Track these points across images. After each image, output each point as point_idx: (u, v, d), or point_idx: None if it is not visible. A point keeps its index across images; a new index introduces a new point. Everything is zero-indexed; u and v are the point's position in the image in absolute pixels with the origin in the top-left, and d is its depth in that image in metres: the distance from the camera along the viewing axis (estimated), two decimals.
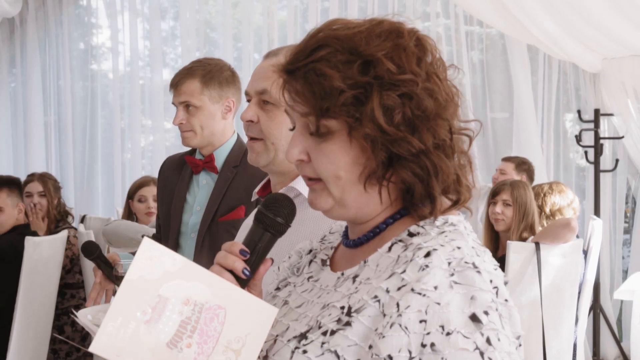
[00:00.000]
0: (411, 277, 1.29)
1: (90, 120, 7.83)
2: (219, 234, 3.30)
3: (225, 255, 1.43)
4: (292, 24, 7.41)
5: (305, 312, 1.45)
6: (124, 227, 4.84)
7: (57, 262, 5.10)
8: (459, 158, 1.41)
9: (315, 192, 1.44)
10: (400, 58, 1.35)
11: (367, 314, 1.31)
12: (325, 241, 1.65)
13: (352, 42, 1.36)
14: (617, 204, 7.22)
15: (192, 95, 3.35)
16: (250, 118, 2.11)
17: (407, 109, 1.34)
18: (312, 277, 1.55)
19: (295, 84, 1.39)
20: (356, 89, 1.34)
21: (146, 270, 1.33)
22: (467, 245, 1.34)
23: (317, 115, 1.37)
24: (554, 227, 4.85)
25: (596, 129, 6.88)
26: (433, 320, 1.24)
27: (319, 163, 1.40)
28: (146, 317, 1.30)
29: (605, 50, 6.65)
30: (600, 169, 6.92)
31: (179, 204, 3.47)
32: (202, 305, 1.33)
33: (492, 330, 1.24)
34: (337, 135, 1.38)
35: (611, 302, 6.99)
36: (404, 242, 1.39)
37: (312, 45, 1.39)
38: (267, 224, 1.47)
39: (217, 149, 3.43)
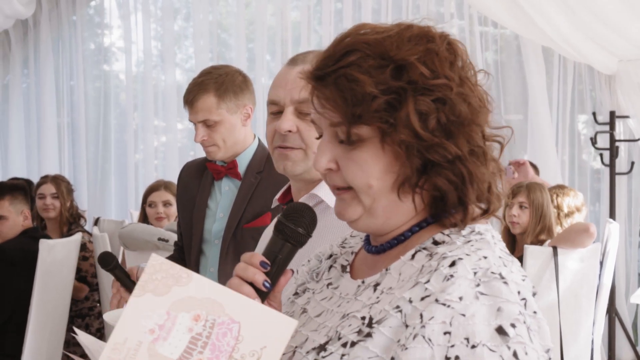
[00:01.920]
0: (435, 287, 1.25)
1: (103, 121, 7.83)
2: (245, 241, 3.27)
3: (245, 267, 1.40)
4: (306, 25, 7.37)
5: (324, 322, 1.41)
6: (140, 230, 4.83)
7: (71, 264, 5.10)
8: (492, 166, 1.38)
9: (344, 202, 1.41)
10: (433, 62, 1.33)
11: (389, 324, 1.27)
12: (345, 245, 1.62)
13: (382, 47, 1.33)
14: (633, 206, 7.16)
15: (209, 112, 3.30)
16: (289, 129, 2.05)
17: (442, 114, 1.32)
18: (331, 284, 1.52)
19: (325, 91, 1.36)
20: (389, 94, 1.31)
21: (154, 287, 1.30)
22: (493, 254, 1.30)
23: (349, 122, 1.33)
24: (572, 232, 4.83)
25: (611, 131, 6.83)
26: (458, 333, 1.20)
27: (350, 172, 1.37)
28: (154, 336, 1.28)
29: (621, 51, 6.60)
30: (616, 171, 6.88)
31: (200, 210, 3.44)
32: (213, 321, 1.30)
33: (519, 343, 1.20)
34: (368, 143, 1.34)
35: (627, 306, 6.94)
36: (429, 250, 1.35)
37: (341, 50, 1.35)
38: (287, 235, 1.44)
39: (239, 155, 3.40)
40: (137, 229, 4.85)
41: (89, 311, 5.60)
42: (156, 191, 5.37)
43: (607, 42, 6.44)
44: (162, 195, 5.35)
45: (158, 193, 5.36)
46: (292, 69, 2.09)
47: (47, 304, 4.88)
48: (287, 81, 2.08)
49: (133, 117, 7.82)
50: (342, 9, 7.34)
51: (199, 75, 3.43)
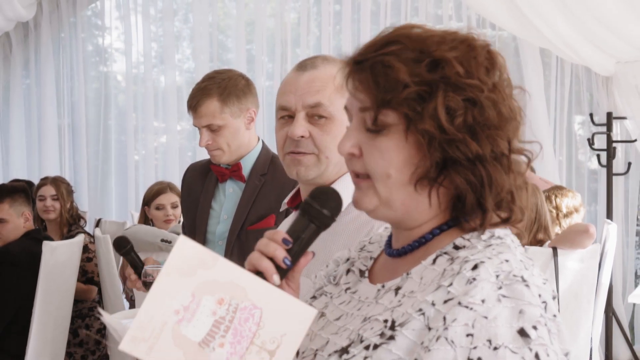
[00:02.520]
0: (458, 290, 1.27)
1: (103, 122, 7.84)
2: (249, 243, 3.28)
3: (267, 242, 1.41)
4: (305, 26, 7.38)
5: (345, 325, 1.43)
6: (144, 231, 4.84)
7: (74, 266, 5.11)
8: (516, 178, 1.39)
9: (361, 190, 1.43)
10: (469, 64, 1.35)
11: (412, 327, 1.29)
12: (364, 250, 1.63)
13: (423, 43, 1.36)
14: (630, 207, 7.20)
15: (213, 117, 3.32)
16: (302, 134, 2.07)
17: (469, 114, 1.34)
18: (349, 289, 1.53)
19: (360, 74, 1.39)
20: (421, 85, 1.33)
21: (180, 268, 1.30)
22: (515, 258, 1.31)
23: (378, 106, 1.36)
24: (572, 232, 4.85)
25: (609, 132, 6.86)
26: (480, 335, 1.22)
27: (371, 158, 1.39)
28: (179, 317, 1.29)
29: (619, 53, 6.64)
30: (613, 172, 6.91)
31: (204, 212, 3.46)
32: (236, 305, 1.31)
33: (540, 345, 1.22)
34: (393, 131, 1.36)
35: (624, 306, 6.97)
36: (450, 254, 1.37)
37: (383, 40, 1.39)
38: (312, 215, 1.45)
39: (243, 158, 3.42)
40: (140, 231, 4.86)
41: (89, 311, 5.60)
42: (163, 193, 5.36)
43: (605, 43, 6.46)
44: (170, 197, 5.35)
45: (166, 195, 5.35)
46: (302, 74, 2.11)
47: (50, 305, 4.89)
48: (298, 86, 2.10)
49: (132, 118, 7.83)
50: (340, 10, 7.35)
51: (202, 80, 3.44)
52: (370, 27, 7.23)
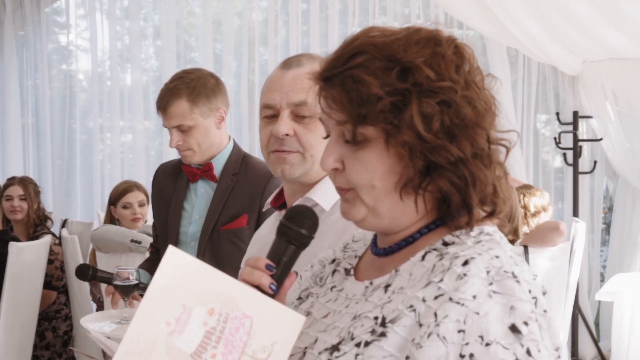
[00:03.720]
0: (449, 286, 1.27)
1: (68, 122, 7.74)
2: (221, 243, 3.27)
3: (251, 271, 1.41)
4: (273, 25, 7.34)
5: (333, 322, 1.42)
6: (113, 231, 4.80)
7: (41, 267, 5.06)
8: (495, 169, 1.40)
9: (348, 202, 1.42)
10: (439, 65, 1.34)
11: (403, 324, 1.28)
12: (348, 249, 1.63)
13: (390, 49, 1.35)
14: (595, 205, 7.28)
15: (183, 117, 3.30)
16: (287, 132, 2.05)
17: (446, 116, 1.33)
18: (335, 287, 1.53)
19: (332, 91, 1.38)
20: (394, 95, 1.32)
21: (171, 280, 1.30)
22: (505, 254, 1.32)
23: (354, 122, 1.35)
24: (543, 230, 4.88)
25: (575, 131, 6.93)
26: (472, 331, 1.22)
27: (354, 171, 1.38)
28: (170, 329, 1.28)
29: (585, 52, 6.69)
30: (579, 170, 6.98)
31: (176, 213, 3.43)
32: (227, 315, 1.31)
33: (532, 341, 1.22)
34: (373, 143, 1.36)
35: (589, 303, 7.04)
36: (439, 251, 1.37)
37: (349, 52, 1.37)
38: (290, 237, 1.45)
39: (214, 157, 3.39)
40: (110, 231, 4.82)
41: (55, 314, 5.53)
42: (130, 192, 5.32)
43: (572, 42, 6.52)
44: (137, 196, 5.31)
45: (133, 194, 5.31)
46: (286, 72, 2.10)
47: (17, 306, 4.83)
48: (283, 84, 2.08)
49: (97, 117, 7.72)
50: (308, 9, 7.33)
51: (170, 80, 3.42)
52: (339, 27, 7.22)
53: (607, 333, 6.83)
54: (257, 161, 3.47)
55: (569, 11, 6.11)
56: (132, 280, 3.19)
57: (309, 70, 2.05)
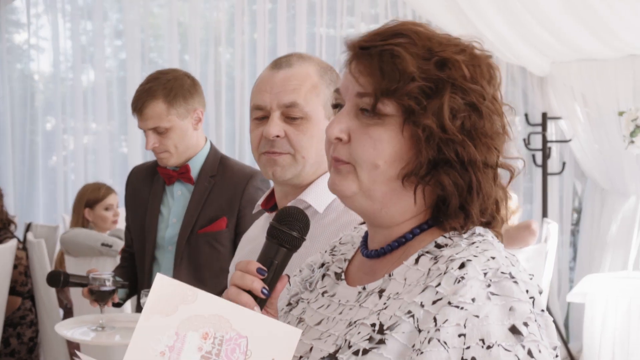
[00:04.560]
0: (447, 290, 1.26)
1: (29, 124, 7.59)
2: (199, 247, 3.22)
3: (242, 275, 1.40)
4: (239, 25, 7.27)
5: (327, 330, 1.40)
6: (84, 235, 4.72)
7: (6, 272, 4.95)
8: (499, 191, 1.39)
9: (340, 174, 1.40)
10: (474, 70, 1.36)
11: (402, 330, 1.27)
12: (336, 252, 1.60)
13: (430, 42, 1.36)
14: (564, 206, 7.33)
15: (159, 119, 3.24)
16: (277, 134, 2.03)
17: (468, 119, 1.34)
18: (326, 292, 1.51)
19: (366, 60, 1.37)
20: (428, 82, 1.33)
21: (161, 307, 1.30)
22: (500, 255, 1.31)
23: (380, 93, 1.34)
24: (515, 230, 4.89)
25: (544, 132, 6.96)
26: (472, 334, 1.22)
27: (361, 145, 1.36)
28: (165, 358, 1.28)
29: (554, 53, 6.73)
30: (548, 171, 7.01)
31: (152, 216, 3.37)
32: (222, 337, 1.30)
33: (532, 341, 1.22)
34: (389, 122, 1.35)
35: (559, 304, 7.08)
36: (432, 254, 1.36)
37: (392, 31, 1.38)
38: (282, 239, 1.43)
39: (191, 159, 3.33)
40: (80, 235, 4.75)
41: (20, 320, 5.43)
42: (112, 193, 5.31)
43: (541, 43, 6.54)
44: (115, 198, 5.30)
45: (113, 195, 5.31)
46: (276, 73, 2.08)
47: None
48: (273, 85, 2.06)
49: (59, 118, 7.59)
50: (274, 9, 7.27)
51: (146, 81, 3.35)
52: (306, 26, 7.18)
53: (576, 334, 6.88)
54: (235, 163, 3.43)
55: (538, 11, 6.13)
56: (109, 286, 3.10)
57: (299, 71, 2.06)
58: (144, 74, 7.22)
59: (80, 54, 7.58)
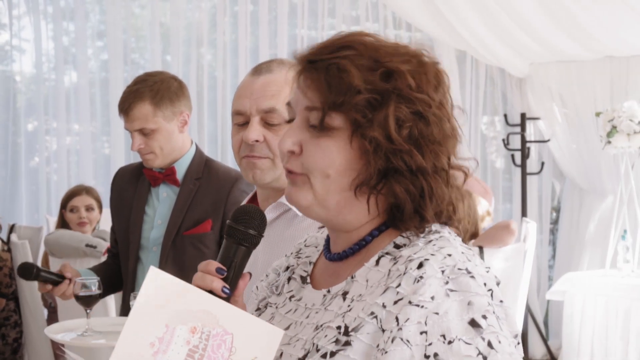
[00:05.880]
0: (407, 290, 1.29)
1: (12, 124, 7.57)
2: (185, 249, 3.24)
3: (202, 276, 1.40)
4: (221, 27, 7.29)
5: (296, 334, 1.43)
6: (68, 236, 4.73)
7: None
8: (454, 192, 1.42)
9: (295, 186, 1.43)
10: (420, 79, 1.38)
11: (366, 331, 1.31)
12: (301, 255, 1.63)
13: (377, 52, 1.38)
14: (543, 205, 7.39)
15: (146, 120, 3.26)
16: (257, 138, 2.07)
17: (416, 127, 1.36)
18: (293, 297, 1.53)
19: (313, 74, 1.39)
20: (374, 93, 1.35)
21: (153, 300, 1.32)
22: (456, 251, 1.34)
23: (327, 107, 1.36)
24: (494, 230, 4.94)
25: (522, 132, 7.02)
26: (433, 331, 1.25)
27: (311, 155, 1.39)
28: (154, 349, 1.30)
29: (533, 55, 6.79)
30: (527, 171, 7.08)
31: (137, 217, 3.39)
32: (209, 332, 1.32)
33: (492, 333, 1.26)
34: (338, 133, 1.38)
35: (538, 302, 7.14)
36: (391, 254, 1.39)
37: (338, 44, 1.40)
38: (239, 238, 1.44)
39: (177, 161, 3.36)
40: (64, 236, 4.74)
41: (4, 321, 5.43)
42: (78, 196, 5.24)
43: (520, 44, 6.61)
44: (85, 200, 5.24)
45: (80, 198, 5.24)
46: (257, 78, 2.11)
47: None
48: (253, 91, 2.09)
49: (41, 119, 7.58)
50: (256, 10, 7.30)
51: (133, 83, 3.37)
52: (287, 28, 7.20)
53: (556, 331, 6.94)
54: (221, 166, 3.45)
55: (516, 13, 6.19)
56: (95, 290, 3.12)
57: (279, 77, 2.09)
58: (126, 75, 7.24)
59: (62, 55, 7.55)
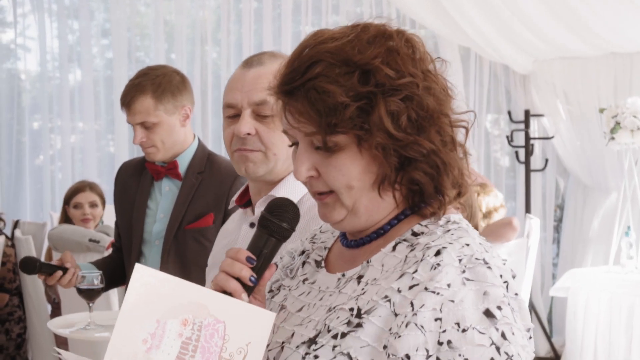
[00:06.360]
0: (423, 276, 1.30)
1: (16, 122, 7.59)
2: (186, 242, 3.24)
3: (231, 263, 1.42)
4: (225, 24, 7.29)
5: (308, 316, 1.45)
6: (71, 231, 4.74)
7: None
8: (458, 150, 1.43)
9: (327, 206, 1.44)
10: (396, 62, 1.37)
11: (378, 314, 1.32)
12: (316, 240, 1.65)
13: (345, 54, 1.36)
14: (547, 202, 7.38)
15: (147, 114, 3.26)
16: (248, 131, 2.06)
17: (412, 111, 1.36)
18: (307, 280, 1.55)
19: (296, 105, 1.39)
20: (360, 100, 1.35)
21: (142, 297, 1.33)
22: (474, 241, 1.36)
23: (325, 132, 1.36)
24: (496, 226, 4.93)
25: (526, 129, 7.02)
26: (448, 318, 1.26)
27: (330, 175, 1.40)
28: (147, 345, 1.31)
29: (536, 51, 6.79)
30: (531, 168, 7.07)
31: (140, 211, 3.39)
32: (200, 323, 1.33)
33: (506, 324, 1.27)
34: (346, 148, 1.38)
35: (542, 299, 7.13)
36: (409, 241, 1.40)
37: (305, 63, 1.38)
38: (272, 230, 1.46)
39: (179, 155, 3.37)
40: (67, 231, 4.76)
41: (8, 316, 5.44)
42: (82, 192, 5.25)
43: (524, 41, 6.60)
44: (88, 197, 5.25)
45: (84, 194, 5.25)
46: (248, 71, 2.11)
47: None
48: (244, 83, 2.09)
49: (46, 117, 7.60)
50: (260, 7, 7.30)
51: (135, 76, 3.38)
52: (291, 25, 7.21)
53: (559, 328, 6.94)
54: (223, 160, 3.45)
55: (520, 10, 6.19)
56: (97, 284, 3.13)
57: (270, 69, 2.04)
58: (130, 73, 7.24)
59: (67, 53, 7.57)
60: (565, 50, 6.65)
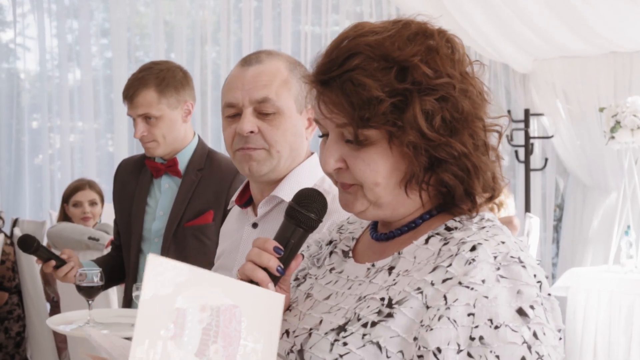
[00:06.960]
0: (458, 270, 1.30)
1: (15, 121, 7.59)
2: (186, 240, 3.24)
3: (259, 253, 1.43)
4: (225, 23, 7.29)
5: (337, 304, 1.44)
6: (70, 229, 4.73)
7: None
8: (490, 154, 1.42)
9: (350, 195, 1.44)
10: (435, 61, 1.36)
11: (410, 305, 1.31)
12: (344, 231, 1.64)
13: (384, 48, 1.35)
14: (547, 202, 7.39)
15: (150, 107, 3.26)
16: (251, 129, 2.05)
17: (446, 112, 1.35)
18: (334, 269, 1.55)
19: (331, 95, 1.38)
20: (395, 96, 1.34)
21: (158, 287, 1.32)
22: (510, 240, 1.35)
23: (357, 125, 1.36)
24: None
25: (526, 128, 7.01)
26: (481, 314, 1.26)
27: (358, 170, 1.40)
28: (170, 333, 1.30)
29: (536, 50, 6.79)
30: (530, 167, 7.07)
31: (139, 208, 3.38)
32: (218, 309, 1.33)
33: (538, 324, 1.26)
34: (376, 143, 1.37)
35: None
36: (442, 235, 1.40)
37: (343, 54, 1.37)
38: (299, 220, 1.47)
39: (179, 152, 3.36)
40: (66, 229, 4.75)
41: (7, 315, 5.43)
42: (81, 190, 5.25)
43: (524, 40, 6.60)
44: (88, 195, 5.24)
45: (83, 192, 5.25)
46: (247, 69, 2.10)
47: None
48: (244, 82, 2.08)
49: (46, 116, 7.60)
50: (260, 7, 7.30)
51: (139, 71, 3.38)
52: (291, 24, 7.21)
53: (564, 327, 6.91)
54: (223, 157, 3.44)
55: (520, 9, 6.19)
56: (97, 281, 3.12)
57: (270, 67, 2.08)
58: (130, 73, 7.18)
59: (67, 52, 7.57)
60: (565, 49, 6.65)
